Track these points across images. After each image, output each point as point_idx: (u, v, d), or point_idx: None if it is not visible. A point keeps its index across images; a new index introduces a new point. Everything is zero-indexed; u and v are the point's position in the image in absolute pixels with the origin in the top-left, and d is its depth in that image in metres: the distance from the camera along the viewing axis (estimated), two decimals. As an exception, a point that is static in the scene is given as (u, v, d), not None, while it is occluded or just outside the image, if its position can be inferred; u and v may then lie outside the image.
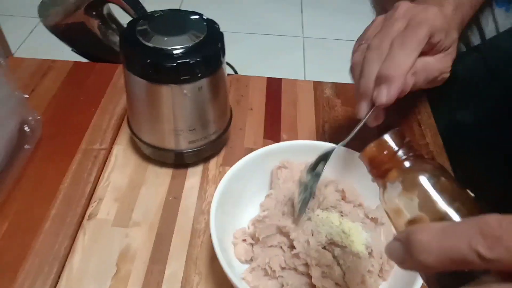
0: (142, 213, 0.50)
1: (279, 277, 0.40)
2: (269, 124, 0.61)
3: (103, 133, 0.58)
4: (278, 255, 0.41)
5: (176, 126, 0.49)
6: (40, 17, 0.73)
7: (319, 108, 0.64)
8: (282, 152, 0.47)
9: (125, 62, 0.47)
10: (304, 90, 0.66)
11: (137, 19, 0.48)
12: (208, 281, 0.44)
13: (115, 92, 0.64)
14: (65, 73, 0.67)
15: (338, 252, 0.39)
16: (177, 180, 0.53)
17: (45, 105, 0.61)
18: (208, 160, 0.56)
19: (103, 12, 0.73)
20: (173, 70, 0.44)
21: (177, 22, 0.48)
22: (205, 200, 0.51)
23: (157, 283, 0.44)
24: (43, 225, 0.48)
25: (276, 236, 0.41)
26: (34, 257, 0.45)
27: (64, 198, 0.50)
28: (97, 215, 0.50)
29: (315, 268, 0.38)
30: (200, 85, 0.47)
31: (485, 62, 0.58)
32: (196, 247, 0.47)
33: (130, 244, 0.47)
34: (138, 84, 0.47)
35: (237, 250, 0.43)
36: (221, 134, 0.54)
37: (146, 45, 0.45)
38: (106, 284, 0.44)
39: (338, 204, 0.44)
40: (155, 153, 0.53)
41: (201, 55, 0.45)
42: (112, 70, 0.67)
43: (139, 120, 0.52)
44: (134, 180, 0.53)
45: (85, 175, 0.53)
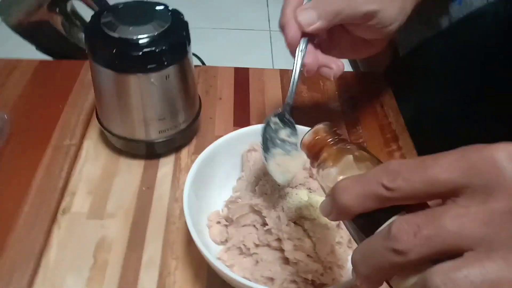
0: (116, 205, 0.50)
1: (254, 254, 0.41)
2: (239, 113, 0.62)
3: (72, 128, 0.58)
4: (252, 233, 0.42)
5: (145, 115, 0.50)
6: (1, 15, 0.72)
7: (286, 94, 0.65)
8: (251, 136, 0.49)
9: (91, 54, 0.47)
10: (271, 78, 0.68)
11: (101, 11, 0.49)
12: (185, 264, 0.45)
13: (82, 88, 0.64)
14: (30, 71, 0.66)
15: (308, 225, 0.40)
16: (150, 170, 0.54)
17: (12, 104, 0.61)
18: (180, 149, 0.56)
19: (67, 9, 0.72)
20: (139, 59, 0.45)
21: (142, 13, 0.48)
22: (178, 188, 0.52)
23: (135, 270, 0.44)
24: (17, 221, 0.48)
25: (249, 215, 0.43)
26: (9, 253, 0.45)
27: (36, 194, 0.50)
28: (71, 209, 0.50)
29: (287, 242, 0.40)
30: (167, 74, 0.47)
31: (450, 49, 0.60)
32: (171, 233, 0.48)
33: (106, 235, 0.47)
34: (105, 75, 0.48)
35: (212, 232, 0.45)
36: (191, 123, 0.55)
37: (111, 36, 0.45)
38: (84, 275, 0.44)
39: (306, 181, 0.45)
40: (126, 145, 0.54)
41: (167, 43, 0.45)
42: (78, 66, 0.67)
43: (108, 113, 0.52)
44: (106, 173, 0.54)
45: (56, 170, 0.53)
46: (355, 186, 0.25)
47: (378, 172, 0.25)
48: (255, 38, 1.85)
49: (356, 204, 0.25)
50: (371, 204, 0.25)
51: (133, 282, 0.43)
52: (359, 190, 0.25)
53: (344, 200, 0.26)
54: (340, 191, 0.26)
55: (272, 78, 0.68)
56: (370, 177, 0.25)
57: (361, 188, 0.25)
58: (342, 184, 0.26)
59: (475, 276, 0.21)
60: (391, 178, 0.24)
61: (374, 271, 0.24)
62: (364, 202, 0.25)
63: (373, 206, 0.25)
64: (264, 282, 0.40)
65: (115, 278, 0.44)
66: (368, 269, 0.25)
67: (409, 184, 0.23)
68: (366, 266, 0.25)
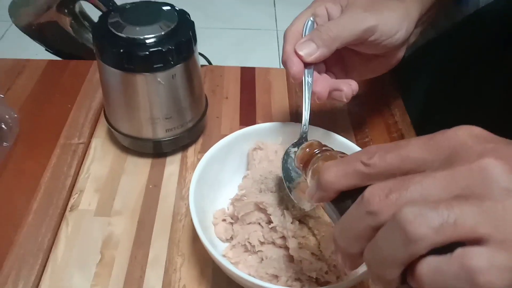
0: (123, 202, 0.51)
1: (259, 251, 0.42)
2: (245, 112, 0.63)
3: (80, 127, 0.59)
4: (257, 231, 0.43)
5: (152, 114, 0.50)
6: (11, 17, 0.73)
7: (292, 94, 0.66)
8: (256, 134, 0.49)
9: (99, 53, 0.48)
10: (277, 78, 0.68)
11: (108, 11, 0.49)
12: (190, 261, 0.45)
13: (90, 88, 0.65)
14: (39, 71, 0.67)
15: (313, 223, 0.41)
16: (156, 168, 0.55)
17: (21, 103, 0.62)
18: (186, 148, 0.57)
19: (75, 9, 0.73)
20: (146, 58, 0.45)
21: (149, 13, 0.49)
22: (184, 187, 0.53)
23: (141, 266, 0.45)
24: (26, 218, 0.48)
25: (254, 213, 0.43)
26: (18, 250, 0.46)
27: (45, 192, 0.51)
28: (78, 206, 0.50)
29: (291, 240, 0.40)
30: (173, 73, 0.48)
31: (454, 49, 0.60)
32: (177, 231, 0.48)
33: (112, 232, 0.48)
34: (113, 75, 0.48)
35: (217, 229, 0.45)
36: (197, 121, 0.55)
37: (118, 36, 0.46)
38: (91, 270, 0.45)
39: (311, 179, 0.46)
40: (134, 143, 0.54)
41: (174, 43, 0.46)
42: (86, 66, 0.68)
43: (116, 112, 0.53)
44: (113, 171, 0.54)
45: (64, 168, 0.54)
46: (337, 165, 0.28)
47: (358, 152, 0.28)
48: (261, 38, 1.86)
49: (337, 180, 0.28)
50: (351, 180, 0.27)
51: (139, 279, 0.44)
52: (340, 167, 0.28)
53: (326, 177, 0.28)
54: (323, 171, 0.28)
55: (278, 77, 0.68)
56: (351, 157, 0.28)
57: (342, 166, 0.28)
58: (326, 165, 0.29)
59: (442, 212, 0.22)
60: (369, 156, 0.26)
61: (351, 240, 0.26)
62: (345, 178, 0.27)
63: (353, 182, 0.27)
64: (268, 279, 0.40)
65: (122, 274, 0.44)
66: (345, 240, 0.26)
67: (384, 160, 0.26)
68: (343, 237, 0.26)
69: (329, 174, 0.28)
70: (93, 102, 0.62)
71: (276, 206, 0.42)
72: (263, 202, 0.42)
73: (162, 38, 0.46)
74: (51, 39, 0.77)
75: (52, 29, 0.74)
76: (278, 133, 0.49)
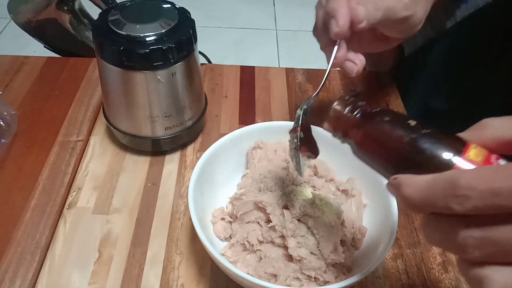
0: (121, 200, 0.51)
1: (257, 250, 0.42)
2: (244, 110, 0.63)
3: (79, 125, 0.59)
4: (256, 230, 0.42)
5: (151, 112, 0.50)
6: (10, 13, 0.73)
7: (292, 93, 0.65)
8: (256, 133, 0.49)
9: (99, 51, 0.48)
10: (277, 77, 0.68)
11: (108, 9, 0.49)
12: (189, 260, 0.45)
13: (89, 85, 0.64)
14: (38, 68, 0.67)
15: (312, 223, 0.40)
16: (155, 167, 0.55)
17: (20, 100, 0.62)
18: (185, 146, 0.57)
19: (75, 7, 0.73)
20: (146, 56, 0.45)
21: (149, 11, 0.49)
22: (183, 185, 0.53)
23: (139, 265, 0.45)
24: (24, 215, 0.48)
25: (253, 212, 0.43)
26: (16, 247, 0.45)
27: (43, 189, 0.51)
28: (77, 203, 0.50)
29: (290, 239, 0.40)
30: (173, 71, 0.48)
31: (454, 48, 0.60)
32: (176, 229, 0.48)
33: (111, 230, 0.48)
34: (112, 72, 0.48)
35: (216, 228, 0.45)
36: (196, 120, 0.55)
37: (118, 33, 0.46)
38: (89, 268, 0.45)
39: (310, 179, 0.46)
40: (132, 141, 0.54)
41: (174, 41, 0.46)
42: (85, 64, 0.68)
43: (115, 109, 0.53)
44: (112, 169, 0.54)
45: (63, 166, 0.54)
46: (421, 201, 0.25)
47: (447, 192, 0.23)
48: (261, 37, 1.85)
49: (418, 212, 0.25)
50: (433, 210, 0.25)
51: (137, 277, 0.44)
52: (424, 207, 0.25)
53: (409, 208, 0.26)
54: (406, 201, 0.25)
55: (277, 76, 0.68)
56: (438, 195, 0.24)
57: (427, 206, 0.24)
58: (409, 195, 0.25)
59: None
60: (461, 202, 0.23)
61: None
62: (425, 209, 0.25)
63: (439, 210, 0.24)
64: (267, 278, 0.40)
65: (120, 272, 0.44)
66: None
67: (480, 209, 0.22)
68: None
69: (412, 207, 0.25)
70: (92, 99, 0.62)
71: (275, 205, 0.42)
72: (262, 201, 0.42)
73: (162, 36, 0.46)
74: (50, 36, 0.76)
75: (51, 26, 0.74)
76: (277, 132, 0.49)
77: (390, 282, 0.44)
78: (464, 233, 0.23)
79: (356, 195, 0.46)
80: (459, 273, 0.45)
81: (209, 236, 0.43)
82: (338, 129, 0.34)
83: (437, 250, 0.47)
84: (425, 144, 0.28)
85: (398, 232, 0.48)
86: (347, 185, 0.46)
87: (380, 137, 0.31)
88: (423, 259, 0.46)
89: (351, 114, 0.33)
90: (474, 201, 0.22)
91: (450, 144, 0.27)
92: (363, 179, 0.46)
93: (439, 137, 0.28)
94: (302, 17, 1.93)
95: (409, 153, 0.28)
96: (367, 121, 0.32)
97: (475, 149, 0.27)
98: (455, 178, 0.23)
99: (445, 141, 0.28)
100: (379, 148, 0.31)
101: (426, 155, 0.28)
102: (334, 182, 0.47)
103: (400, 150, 0.29)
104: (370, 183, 0.45)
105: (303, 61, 1.68)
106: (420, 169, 0.26)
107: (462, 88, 0.60)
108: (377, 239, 0.42)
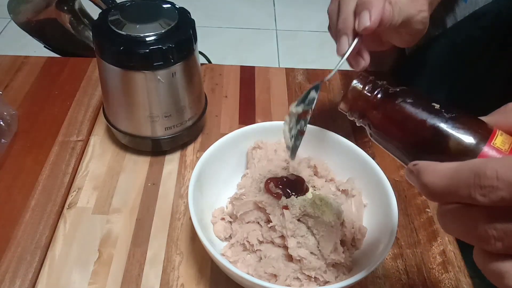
0: (121, 200, 0.51)
1: (257, 250, 0.42)
2: (244, 110, 0.63)
3: (79, 125, 0.59)
4: (256, 230, 0.42)
5: (151, 112, 0.50)
6: (10, 13, 0.73)
7: (292, 93, 0.66)
8: (256, 133, 0.49)
9: (99, 51, 0.48)
10: (277, 77, 0.68)
11: (108, 9, 0.49)
12: (189, 260, 0.45)
13: (89, 85, 0.64)
14: (38, 68, 0.67)
15: (312, 223, 0.40)
16: (155, 167, 0.55)
17: (20, 100, 0.62)
18: (185, 146, 0.57)
19: (75, 7, 0.73)
20: (146, 56, 0.45)
21: (149, 11, 0.49)
22: (183, 185, 0.53)
23: (139, 265, 0.45)
24: (24, 215, 0.48)
25: (253, 212, 0.43)
26: (16, 247, 0.45)
27: (43, 189, 0.51)
28: (77, 203, 0.50)
29: (290, 239, 0.40)
30: (173, 71, 0.48)
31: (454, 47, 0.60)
32: (176, 229, 0.48)
33: (111, 230, 0.48)
34: (112, 72, 0.48)
35: (216, 228, 0.45)
36: (196, 120, 0.55)
37: (118, 33, 0.46)
38: (89, 268, 0.45)
39: (311, 179, 0.46)
40: (133, 141, 0.54)
41: (174, 41, 0.46)
42: (85, 64, 0.68)
43: (115, 109, 0.53)
44: (112, 169, 0.54)
45: (63, 166, 0.54)
46: (443, 190, 0.24)
47: (470, 181, 0.22)
48: (261, 37, 1.85)
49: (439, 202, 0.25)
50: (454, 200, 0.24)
51: (137, 277, 0.44)
52: (447, 196, 0.24)
53: (430, 197, 0.25)
54: (427, 189, 0.25)
55: (277, 76, 0.68)
56: (461, 185, 0.23)
57: (449, 196, 0.24)
58: (430, 183, 0.24)
59: None
60: (485, 193, 0.22)
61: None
62: (447, 198, 0.24)
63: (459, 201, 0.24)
64: (267, 278, 0.40)
65: (120, 272, 0.44)
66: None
67: (506, 201, 0.22)
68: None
69: (433, 196, 0.24)
70: (92, 99, 0.62)
71: (275, 205, 0.42)
72: (262, 201, 0.42)
73: (163, 36, 0.46)
74: (50, 36, 0.76)
75: (51, 26, 0.74)
76: (277, 132, 0.49)
77: (390, 282, 0.44)
78: (487, 224, 0.22)
79: (356, 195, 0.46)
80: (459, 273, 0.45)
81: (209, 236, 0.43)
82: (356, 109, 0.32)
83: (437, 250, 0.47)
84: (449, 129, 0.27)
85: (398, 232, 0.48)
86: (347, 185, 0.46)
87: (402, 120, 0.29)
88: (423, 259, 0.46)
89: (371, 94, 0.31)
90: (501, 192, 0.21)
91: (475, 130, 0.26)
92: (363, 179, 0.46)
93: (465, 122, 0.27)
94: (302, 17, 1.94)
95: (432, 138, 0.27)
96: (388, 101, 0.30)
97: (501, 136, 0.26)
98: (481, 167, 0.22)
99: (470, 127, 0.26)
100: (400, 131, 0.29)
101: (450, 141, 0.26)
102: (334, 182, 0.47)
103: (422, 135, 0.28)
104: (370, 183, 0.45)
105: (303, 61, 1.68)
106: (442, 156, 0.25)
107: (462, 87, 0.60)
108: (377, 239, 0.42)
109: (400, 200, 0.49)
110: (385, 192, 0.43)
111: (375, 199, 0.45)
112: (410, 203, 0.51)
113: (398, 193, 0.48)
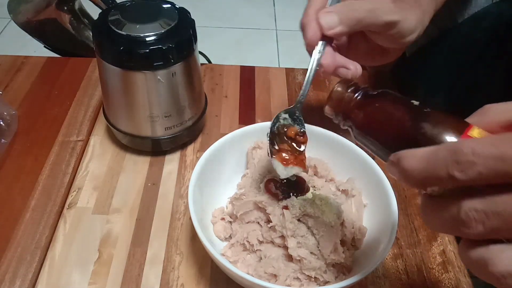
0: (121, 200, 0.51)
1: (257, 250, 0.42)
2: (244, 110, 0.63)
3: (79, 125, 0.59)
4: (256, 230, 0.42)
5: (151, 112, 0.50)
6: (10, 13, 0.73)
7: (292, 93, 0.66)
8: (256, 133, 0.49)
9: (99, 51, 0.48)
10: (277, 77, 0.68)
11: (108, 9, 0.49)
12: (189, 260, 0.45)
13: (89, 85, 0.64)
14: (38, 68, 0.67)
15: (312, 223, 0.40)
16: (155, 167, 0.55)
17: (19, 100, 0.62)
18: (185, 146, 0.57)
19: (75, 7, 0.73)
20: (146, 56, 0.45)
21: (149, 11, 0.49)
22: (183, 185, 0.53)
23: (139, 265, 0.45)
24: (24, 215, 0.48)
25: (253, 212, 0.43)
26: (16, 247, 0.46)
27: (43, 189, 0.51)
28: (77, 203, 0.50)
29: (290, 239, 0.40)
30: (173, 71, 0.48)
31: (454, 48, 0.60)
32: (176, 229, 0.48)
33: (111, 230, 0.48)
34: (112, 72, 0.48)
35: (216, 228, 0.45)
36: (196, 120, 0.55)
37: (118, 33, 0.46)
38: (89, 268, 0.45)
39: (311, 179, 0.46)
40: (133, 141, 0.54)
41: (174, 41, 0.46)
42: (85, 64, 0.68)
43: (115, 109, 0.53)
44: (112, 169, 0.54)
45: (63, 166, 0.54)
46: (422, 172, 0.24)
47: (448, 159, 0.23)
48: (261, 37, 1.85)
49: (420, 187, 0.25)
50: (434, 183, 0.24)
51: (137, 277, 0.44)
52: (426, 179, 0.24)
53: (409, 181, 0.25)
54: (406, 174, 0.25)
55: (277, 76, 0.68)
56: (440, 164, 0.23)
57: (429, 178, 0.24)
58: (410, 167, 0.25)
59: None
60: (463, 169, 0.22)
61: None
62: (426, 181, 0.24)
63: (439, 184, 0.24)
64: (267, 278, 0.40)
65: (120, 272, 0.44)
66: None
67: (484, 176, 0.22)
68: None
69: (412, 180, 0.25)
70: (92, 99, 0.62)
71: (275, 205, 0.42)
72: (262, 201, 0.42)
73: (163, 36, 0.46)
74: (50, 36, 0.76)
75: (51, 26, 0.74)
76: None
77: (390, 282, 0.44)
78: (467, 205, 0.23)
79: (356, 195, 0.46)
80: (459, 273, 0.45)
81: (209, 236, 0.43)
82: (339, 112, 0.34)
83: (437, 250, 0.47)
84: (427, 123, 0.27)
85: (398, 232, 0.48)
86: (347, 185, 0.46)
87: (382, 117, 0.30)
88: (423, 259, 0.46)
89: (353, 95, 0.33)
90: (478, 167, 0.22)
91: (453, 124, 0.27)
92: (363, 179, 0.46)
93: (442, 117, 0.28)
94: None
95: (411, 132, 0.28)
96: (369, 101, 0.32)
97: (478, 129, 0.26)
98: (457, 145, 0.23)
99: (448, 121, 0.27)
100: (381, 128, 0.30)
101: (428, 134, 0.27)
102: (334, 182, 0.47)
103: (402, 130, 0.29)
104: (370, 183, 0.45)
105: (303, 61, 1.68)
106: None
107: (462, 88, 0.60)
108: (377, 239, 0.42)
109: (400, 200, 0.49)
110: (385, 192, 0.43)
111: (375, 199, 0.45)
112: (410, 203, 0.51)
113: (398, 193, 0.48)
